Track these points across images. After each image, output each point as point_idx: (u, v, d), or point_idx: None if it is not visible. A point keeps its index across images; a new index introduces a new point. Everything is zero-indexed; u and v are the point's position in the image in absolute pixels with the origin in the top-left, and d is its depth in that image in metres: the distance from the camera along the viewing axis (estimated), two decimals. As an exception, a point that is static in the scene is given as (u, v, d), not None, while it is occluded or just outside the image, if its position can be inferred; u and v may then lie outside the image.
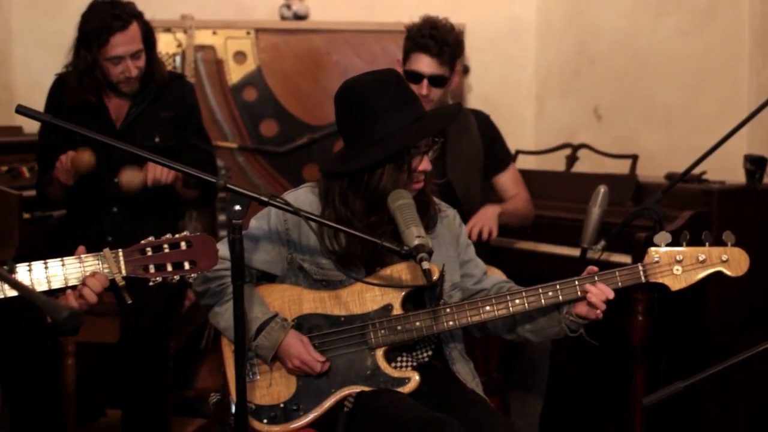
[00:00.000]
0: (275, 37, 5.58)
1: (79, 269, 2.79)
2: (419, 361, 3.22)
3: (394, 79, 3.15)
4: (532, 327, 3.24)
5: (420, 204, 3.20)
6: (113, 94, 4.34)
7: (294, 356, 3.09)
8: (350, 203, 3.12)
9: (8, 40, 5.67)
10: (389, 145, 3.04)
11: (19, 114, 2.76)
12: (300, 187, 3.30)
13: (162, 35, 5.46)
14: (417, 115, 3.11)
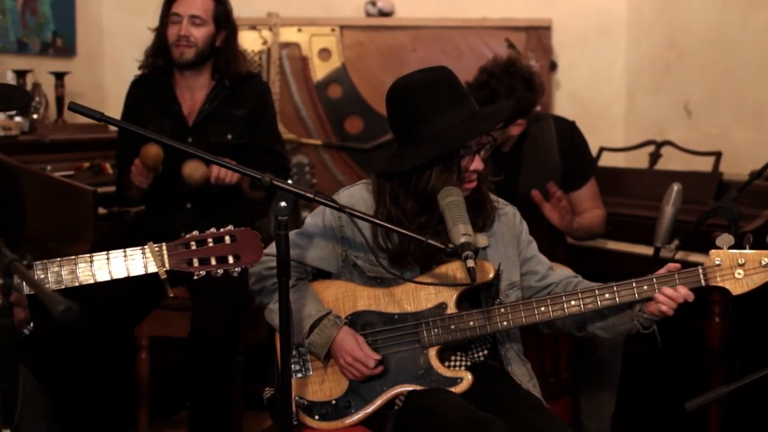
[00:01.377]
0: (360, 34, 5.59)
1: (123, 263, 2.82)
2: (474, 361, 3.18)
3: (445, 78, 3.11)
4: (603, 324, 3.17)
5: (475, 202, 3.16)
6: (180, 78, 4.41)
7: (347, 353, 3.08)
8: (401, 203, 3.09)
9: (99, 38, 5.80)
10: (436, 146, 3.00)
11: (71, 111, 2.79)
12: (355, 183, 3.29)
13: (248, 33, 5.54)
14: (467, 114, 3.06)
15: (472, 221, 3.14)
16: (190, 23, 4.31)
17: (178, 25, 4.32)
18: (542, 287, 3.25)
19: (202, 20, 4.33)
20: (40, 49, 5.34)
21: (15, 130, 4.42)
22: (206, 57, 4.38)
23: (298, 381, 3.18)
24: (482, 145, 3.09)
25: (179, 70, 4.39)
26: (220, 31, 4.38)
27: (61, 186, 4.25)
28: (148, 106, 4.41)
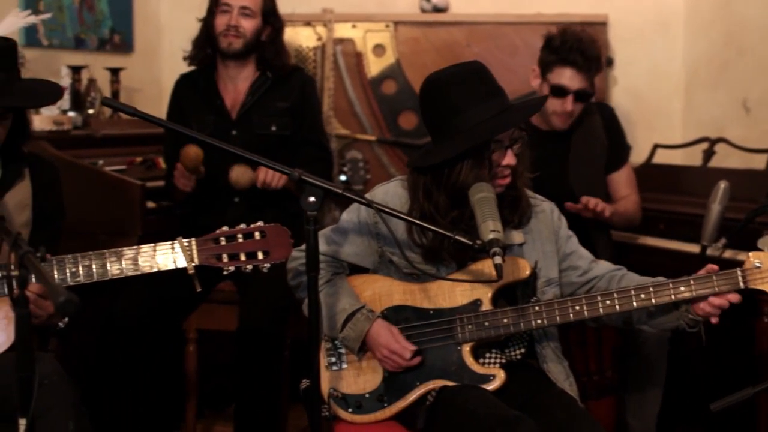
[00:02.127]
0: (414, 30, 5.58)
1: (152, 257, 2.85)
2: (510, 359, 3.17)
3: (477, 72, 3.09)
4: (649, 320, 3.16)
5: (510, 199, 3.14)
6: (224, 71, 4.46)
7: (382, 345, 3.09)
8: (434, 198, 3.09)
9: (157, 35, 5.87)
10: (466, 140, 2.99)
11: (104, 106, 2.83)
12: (391, 180, 3.29)
13: (302, 29, 5.56)
14: (499, 109, 3.04)
15: (507, 218, 3.14)
16: (240, 14, 4.38)
17: (228, 14, 4.38)
18: (584, 282, 3.23)
19: (252, 12, 4.39)
20: (98, 45, 5.42)
21: (67, 125, 4.49)
22: (252, 49, 4.44)
23: (333, 374, 3.20)
24: (514, 140, 3.07)
25: (223, 61, 4.44)
26: (266, 25, 4.43)
27: (110, 180, 4.33)
28: (192, 103, 4.47)
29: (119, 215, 4.28)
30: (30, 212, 3.11)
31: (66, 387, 2.71)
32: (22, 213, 3.08)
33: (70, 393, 2.72)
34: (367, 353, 3.17)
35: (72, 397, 2.72)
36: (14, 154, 3.10)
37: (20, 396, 2.16)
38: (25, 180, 3.11)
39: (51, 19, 5.01)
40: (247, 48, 4.42)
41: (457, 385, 3.07)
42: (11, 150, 3.07)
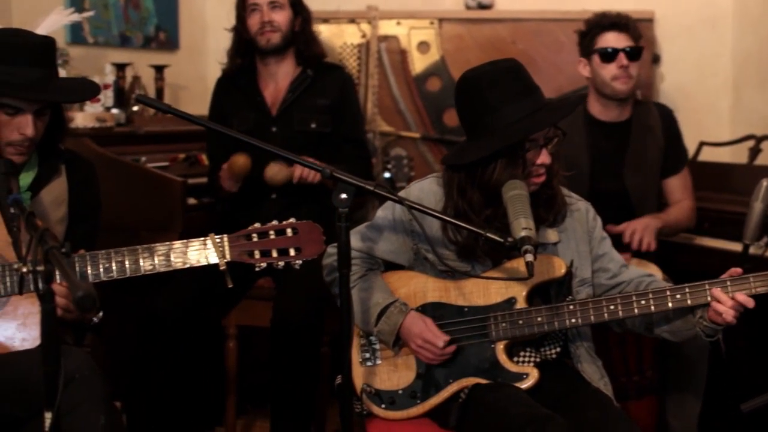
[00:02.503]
0: (459, 27, 5.56)
1: (184, 254, 2.87)
2: (545, 358, 3.15)
3: (513, 70, 3.08)
4: (669, 328, 3.13)
5: (545, 197, 3.13)
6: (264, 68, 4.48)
7: (416, 335, 3.08)
8: (468, 196, 3.08)
9: (203, 32, 5.90)
10: (499, 138, 2.98)
11: (138, 103, 2.85)
12: (426, 177, 3.28)
13: (347, 26, 5.57)
14: (534, 107, 3.03)
15: (542, 216, 3.13)
16: (270, 9, 4.40)
17: (258, 13, 4.41)
18: (612, 285, 3.20)
19: (281, 4, 4.43)
20: (143, 43, 5.46)
21: (110, 122, 4.53)
22: (289, 42, 4.46)
23: (367, 369, 3.21)
24: (549, 138, 3.05)
25: (263, 59, 4.47)
26: (296, 15, 4.45)
27: (152, 177, 4.36)
28: (233, 101, 4.51)
29: (161, 212, 4.31)
30: (66, 208, 3.13)
31: (97, 381, 2.73)
32: (58, 209, 3.11)
33: (101, 387, 2.74)
34: (402, 350, 3.17)
35: (103, 391, 2.74)
36: (51, 150, 3.13)
37: (46, 390, 2.17)
38: (62, 176, 3.14)
39: (96, 17, 5.07)
40: (286, 41, 4.44)
41: (490, 383, 3.06)
42: (48, 147, 3.10)
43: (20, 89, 2.94)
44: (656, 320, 3.11)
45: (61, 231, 3.12)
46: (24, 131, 2.95)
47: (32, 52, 2.98)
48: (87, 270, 2.86)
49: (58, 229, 3.10)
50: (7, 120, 2.96)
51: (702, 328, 3.00)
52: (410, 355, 3.16)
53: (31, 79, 2.96)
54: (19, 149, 2.99)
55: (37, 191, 3.08)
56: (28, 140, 2.98)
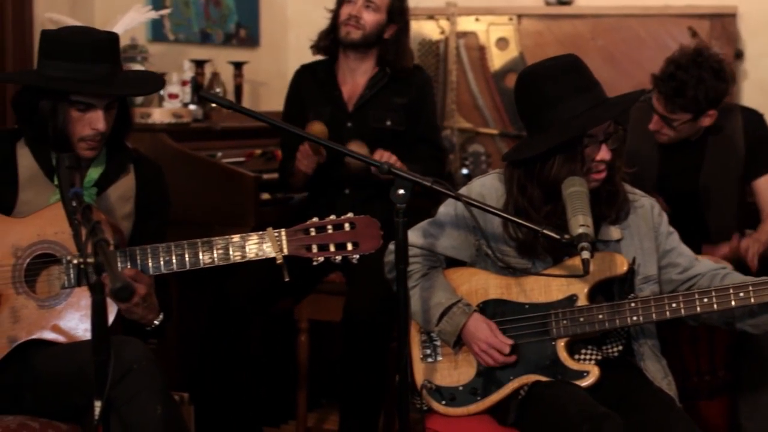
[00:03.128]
0: (538, 23, 5.53)
1: (241, 247, 2.90)
2: (607, 356, 3.12)
3: (573, 65, 3.06)
4: (753, 321, 3.08)
5: (606, 194, 3.10)
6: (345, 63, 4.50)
7: (481, 339, 3.08)
8: (528, 192, 3.07)
9: (284, 28, 5.96)
10: (558, 134, 2.96)
11: (201, 98, 2.90)
12: (489, 173, 3.28)
13: (426, 23, 5.58)
14: (593, 102, 3.00)
15: (605, 213, 3.10)
16: (364, 6, 4.40)
17: (351, 5, 4.42)
18: (685, 279, 3.16)
19: (376, 6, 4.40)
20: (223, 40, 5.54)
21: (187, 118, 4.60)
22: (371, 44, 4.45)
23: (427, 365, 3.21)
24: (609, 134, 3.02)
25: (344, 52, 4.48)
26: (391, 23, 4.43)
27: (225, 172, 4.41)
28: (311, 94, 4.52)
29: (234, 206, 4.36)
30: (132, 205, 3.19)
31: (155, 372, 2.78)
32: (124, 205, 3.17)
33: (158, 378, 2.78)
34: (462, 348, 3.16)
35: (160, 382, 2.78)
36: (118, 146, 3.19)
37: (96, 379, 2.22)
38: (130, 174, 3.20)
39: (177, 14, 5.15)
40: (366, 41, 4.43)
41: (550, 380, 3.04)
42: (115, 142, 3.17)
43: (90, 85, 3.01)
44: (738, 314, 3.07)
45: (128, 227, 3.18)
46: (96, 126, 3.02)
47: (98, 49, 3.05)
48: (148, 263, 2.92)
49: (124, 225, 3.16)
50: (79, 116, 3.02)
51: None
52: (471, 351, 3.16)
53: (99, 75, 3.02)
54: (91, 144, 3.06)
55: (105, 187, 3.14)
56: (100, 135, 3.04)
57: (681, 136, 4.08)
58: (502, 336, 3.07)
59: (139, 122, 4.50)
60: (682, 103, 3.95)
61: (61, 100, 3.01)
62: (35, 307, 2.93)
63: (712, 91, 3.95)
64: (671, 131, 4.06)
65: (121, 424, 2.73)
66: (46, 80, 3.02)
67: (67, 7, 4.56)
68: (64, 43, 3.05)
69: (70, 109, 3.01)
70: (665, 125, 4.04)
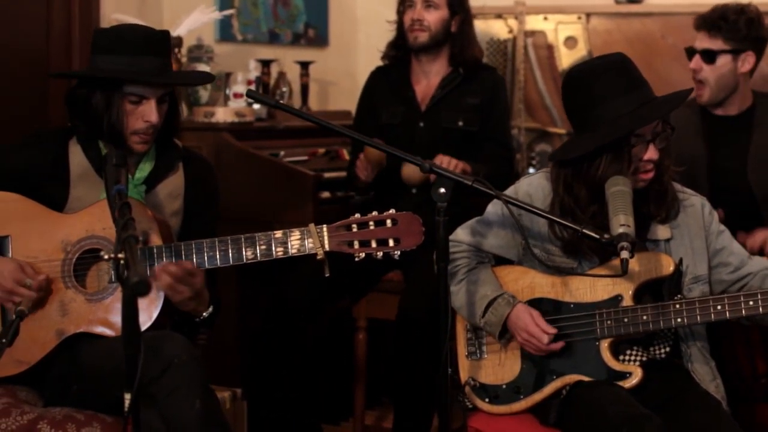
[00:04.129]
0: (607, 22, 5.48)
1: (283, 242, 2.94)
2: (653, 357, 3.10)
3: (620, 64, 3.04)
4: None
5: (655, 193, 3.07)
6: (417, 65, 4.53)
7: (521, 328, 3.08)
8: (574, 191, 3.06)
9: (353, 28, 5.99)
10: (604, 134, 2.95)
11: (248, 98, 2.94)
12: (538, 171, 3.27)
13: (494, 22, 5.57)
14: (641, 102, 2.98)
15: (653, 213, 3.09)
16: (423, 7, 4.43)
17: (412, 9, 4.46)
18: (736, 279, 3.14)
19: (436, 4, 4.44)
20: (292, 40, 5.59)
21: (250, 117, 4.66)
22: (441, 41, 4.48)
23: (472, 363, 3.23)
24: (657, 133, 2.99)
25: (416, 56, 4.51)
26: (454, 16, 4.46)
27: (285, 170, 4.46)
28: (383, 95, 4.57)
29: (293, 205, 4.41)
30: (181, 202, 3.24)
31: (195, 367, 2.82)
32: (173, 202, 3.23)
33: (198, 373, 2.82)
34: (509, 344, 3.17)
35: (200, 377, 2.82)
36: (167, 144, 3.25)
37: (127, 372, 2.27)
38: (179, 172, 3.25)
39: (245, 14, 5.23)
40: (435, 41, 4.46)
41: (592, 380, 3.02)
42: (165, 142, 3.23)
43: (143, 76, 3.07)
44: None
45: (177, 223, 3.23)
46: (149, 118, 3.08)
47: (149, 43, 3.11)
48: (193, 258, 2.97)
49: (173, 222, 3.21)
50: (132, 108, 3.08)
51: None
52: (516, 350, 3.16)
53: (152, 67, 3.09)
54: (144, 137, 3.12)
55: (154, 184, 3.20)
56: (152, 127, 3.10)
57: (721, 84, 4.03)
58: (545, 325, 3.06)
59: (203, 121, 4.58)
60: (724, 26, 3.97)
61: (114, 93, 3.07)
62: (83, 301, 3.00)
63: (755, 25, 3.98)
64: (711, 72, 4.01)
65: (162, 417, 2.78)
66: (100, 72, 3.10)
67: (134, 8, 4.65)
68: (117, 38, 3.13)
69: (124, 102, 3.08)
70: (705, 63, 4.02)
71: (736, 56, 3.98)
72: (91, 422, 2.93)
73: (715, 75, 4.01)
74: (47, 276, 3.00)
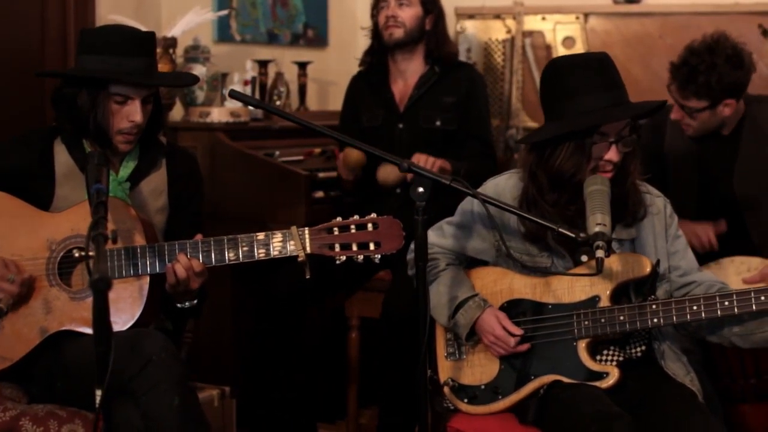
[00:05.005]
0: (605, 22, 5.49)
1: (265, 244, 2.98)
2: (629, 357, 3.12)
3: (599, 62, 3.08)
4: (740, 330, 3.06)
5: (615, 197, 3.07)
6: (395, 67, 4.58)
7: (487, 332, 3.12)
8: (537, 179, 3.09)
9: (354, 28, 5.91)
10: (570, 123, 2.99)
11: (231, 98, 2.98)
12: (505, 172, 3.30)
13: (492, 22, 5.60)
14: (613, 102, 3.01)
15: (618, 217, 3.09)
16: (397, 5, 4.50)
17: (386, 8, 4.52)
18: (682, 284, 3.16)
19: (409, 1, 4.50)
20: (291, 40, 5.63)
21: (245, 117, 4.69)
22: (417, 39, 4.54)
23: (451, 364, 3.25)
24: (622, 137, 3.02)
25: (392, 56, 4.55)
26: (428, 14, 4.51)
27: (277, 170, 4.50)
28: (363, 99, 4.64)
29: (286, 204, 4.44)
30: (165, 198, 3.30)
31: (174, 364, 2.87)
32: (158, 199, 3.28)
33: (177, 370, 2.87)
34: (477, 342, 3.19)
35: (179, 374, 2.87)
36: (151, 143, 3.30)
37: (98, 369, 2.31)
38: (162, 168, 3.31)
39: (244, 15, 5.27)
40: (410, 37, 4.52)
41: (569, 380, 3.05)
42: (148, 139, 3.27)
43: (129, 76, 3.13)
44: (726, 322, 3.06)
45: (162, 220, 3.29)
46: (134, 118, 3.14)
47: (135, 43, 3.18)
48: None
49: (158, 218, 3.27)
50: (117, 108, 3.14)
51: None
52: (495, 349, 3.19)
53: (137, 68, 3.14)
54: (128, 137, 3.18)
55: (137, 182, 3.25)
56: (137, 127, 3.16)
57: (705, 127, 4.00)
58: (511, 326, 3.10)
59: (198, 121, 4.63)
60: (693, 89, 3.88)
61: (100, 93, 3.13)
62: (67, 298, 3.05)
63: (726, 77, 3.87)
64: (692, 121, 3.99)
65: (141, 413, 2.83)
66: (85, 72, 3.15)
67: (131, 9, 4.69)
68: (103, 38, 3.19)
69: (109, 102, 3.14)
70: (685, 115, 3.99)
71: (714, 108, 3.94)
72: (73, 419, 2.98)
73: (697, 124, 4.00)
74: (30, 275, 3.05)
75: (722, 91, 3.89)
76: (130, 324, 3.00)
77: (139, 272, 3.01)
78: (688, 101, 3.93)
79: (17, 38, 4.33)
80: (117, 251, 3.00)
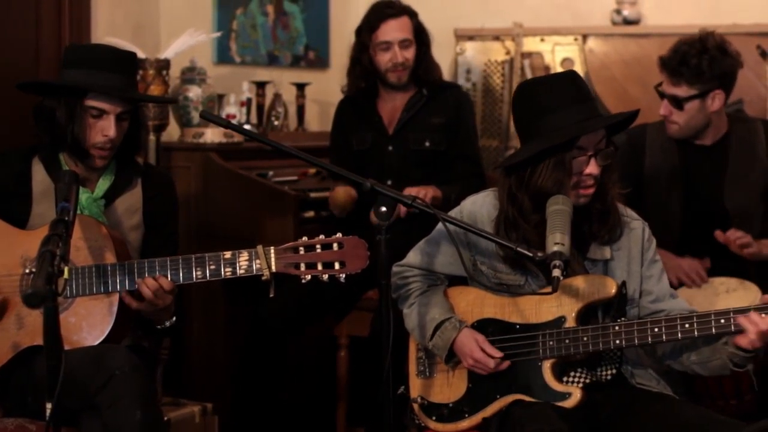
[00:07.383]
0: (604, 43, 5.53)
1: (232, 263, 3.03)
2: (598, 379, 3.13)
3: (569, 79, 3.11)
4: (698, 358, 3.07)
5: (597, 213, 3.11)
6: (384, 91, 4.61)
7: (467, 354, 3.14)
8: (518, 201, 3.10)
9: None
10: (547, 139, 3.00)
11: (202, 118, 3.05)
12: (483, 191, 3.32)
13: (492, 44, 5.64)
14: (586, 115, 3.04)
15: (596, 233, 3.12)
16: (401, 48, 4.51)
17: (389, 52, 4.53)
18: (652, 311, 3.17)
19: (410, 41, 4.54)
20: (291, 62, 5.69)
21: (239, 137, 4.76)
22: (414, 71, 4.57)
23: (421, 381, 3.29)
24: (600, 150, 3.04)
25: (382, 82, 4.58)
26: (421, 45, 4.54)
27: (268, 190, 4.56)
28: (353, 122, 4.68)
29: (276, 224, 4.50)
30: (140, 217, 3.37)
31: (137, 378, 2.91)
32: (132, 217, 3.35)
33: (140, 384, 2.91)
34: (458, 364, 3.22)
35: (142, 388, 2.91)
36: (128, 162, 3.37)
37: (49, 383, 2.37)
38: (137, 188, 3.38)
39: (244, 36, 5.34)
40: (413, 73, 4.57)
41: (531, 400, 3.07)
42: (125, 159, 3.34)
43: (105, 89, 3.22)
44: (686, 350, 3.08)
45: (137, 238, 3.36)
46: (107, 132, 3.22)
47: (115, 60, 3.27)
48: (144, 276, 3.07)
49: (133, 236, 3.35)
50: (93, 122, 3.23)
51: (728, 355, 2.96)
52: (463, 370, 3.20)
53: (114, 83, 3.24)
54: (101, 152, 3.26)
55: (112, 199, 3.33)
56: (110, 142, 3.24)
57: (691, 124, 4.02)
58: (490, 348, 3.11)
59: (192, 141, 4.69)
60: (685, 72, 3.92)
61: (76, 105, 3.22)
62: (38, 314, 3.10)
63: (717, 63, 3.92)
64: (678, 117, 4.00)
65: (104, 427, 2.88)
66: (62, 81, 3.26)
67: (129, 32, 4.76)
68: (85, 53, 3.31)
69: (86, 115, 3.23)
70: (674, 108, 3.99)
71: (704, 98, 3.96)
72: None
73: (685, 118, 4.00)
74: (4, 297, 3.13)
75: (713, 78, 3.93)
76: (100, 339, 3.06)
77: (109, 289, 3.07)
78: (679, 87, 3.95)
79: (12, 61, 4.41)
80: (87, 268, 3.07)
